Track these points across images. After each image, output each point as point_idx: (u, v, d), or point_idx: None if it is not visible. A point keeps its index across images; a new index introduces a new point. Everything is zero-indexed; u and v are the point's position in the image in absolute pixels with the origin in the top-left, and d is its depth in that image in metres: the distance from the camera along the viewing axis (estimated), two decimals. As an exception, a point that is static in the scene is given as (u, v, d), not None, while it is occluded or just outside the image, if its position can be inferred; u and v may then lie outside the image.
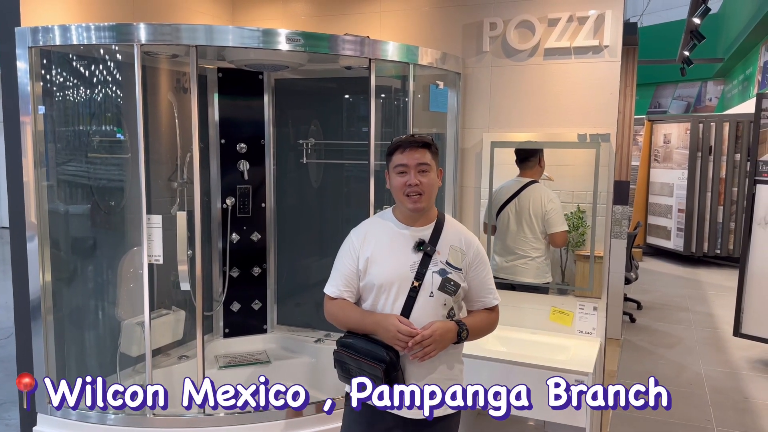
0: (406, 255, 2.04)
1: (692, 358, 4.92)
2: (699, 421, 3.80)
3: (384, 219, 2.14)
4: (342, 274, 2.08)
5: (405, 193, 2.01)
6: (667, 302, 6.72)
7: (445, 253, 2.06)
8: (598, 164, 3.00)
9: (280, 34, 2.47)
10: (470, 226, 3.32)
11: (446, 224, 2.12)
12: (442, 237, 2.07)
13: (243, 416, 2.56)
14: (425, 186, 2.01)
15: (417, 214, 2.06)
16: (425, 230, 2.08)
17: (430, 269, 2.02)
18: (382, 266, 2.04)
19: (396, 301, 2.01)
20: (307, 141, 3.56)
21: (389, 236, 2.08)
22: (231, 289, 3.56)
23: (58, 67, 2.72)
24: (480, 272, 2.11)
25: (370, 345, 1.97)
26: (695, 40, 7.22)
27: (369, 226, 2.15)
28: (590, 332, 3.11)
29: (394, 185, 2.05)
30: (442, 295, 2.02)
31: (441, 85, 3.15)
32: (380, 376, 1.92)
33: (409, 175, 2.00)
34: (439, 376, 2.05)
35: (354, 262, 2.07)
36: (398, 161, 2.02)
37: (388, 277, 2.02)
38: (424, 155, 2.02)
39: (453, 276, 2.04)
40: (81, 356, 2.95)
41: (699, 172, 8.48)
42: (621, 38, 2.97)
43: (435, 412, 2.04)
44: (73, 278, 2.92)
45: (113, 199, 3.06)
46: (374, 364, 1.94)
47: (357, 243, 2.10)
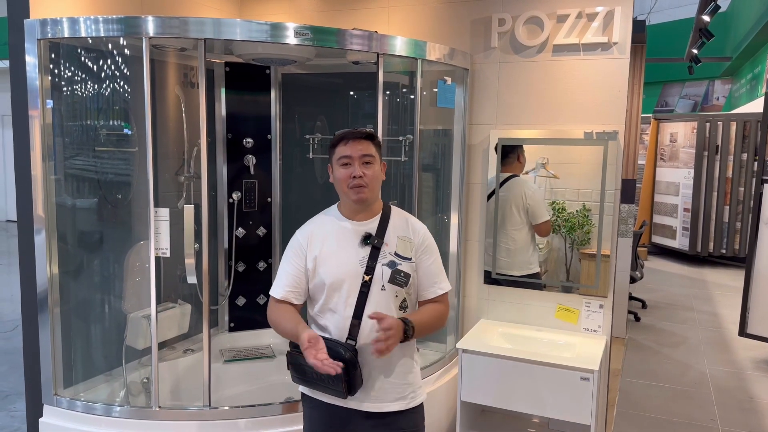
0: (354, 250, 2.02)
1: (697, 358, 4.91)
2: (703, 421, 3.79)
3: (329, 215, 2.11)
4: (289, 275, 2.05)
5: (349, 186, 1.98)
6: (672, 301, 6.70)
7: (393, 245, 2.04)
8: (606, 162, 2.98)
9: (288, 28, 2.47)
10: (476, 223, 3.32)
11: (392, 215, 2.09)
12: (389, 228, 2.05)
13: (247, 410, 2.57)
14: (369, 178, 1.99)
15: (361, 206, 2.03)
16: (371, 223, 2.05)
17: (380, 262, 2.00)
18: (331, 264, 2.01)
19: (348, 297, 1.99)
20: (313, 136, 3.56)
21: (335, 233, 2.05)
22: (237, 284, 3.57)
23: (66, 61, 2.73)
24: (426, 260, 2.09)
25: (329, 343, 1.93)
26: (704, 38, 7.18)
27: (314, 224, 2.11)
28: (596, 330, 3.10)
29: (337, 178, 2.02)
30: (393, 288, 2.00)
31: (449, 81, 3.14)
32: (341, 375, 1.88)
33: (353, 166, 1.97)
34: (398, 370, 2.04)
35: (302, 262, 2.05)
36: (342, 153, 1.99)
37: (338, 275, 2.00)
38: (368, 147, 2.00)
39: (403, 267, 2.02)
40: (87, 349, 2.96)
41: (705, 171, 8.45)
42: (630, 35, 2.96)
43: (395, 405, 2.03)
44: (80, 271, 2.93)
45: (120, 192, 3.07)
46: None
47: (304, 242, 2.06)
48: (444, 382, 3.11)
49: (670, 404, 4.03)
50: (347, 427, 2.06)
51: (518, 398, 2.83)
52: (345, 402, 2.02)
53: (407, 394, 2.06)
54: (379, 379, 2.02)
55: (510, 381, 2.83)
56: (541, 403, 2.80)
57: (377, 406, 2.02)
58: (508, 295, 3.28)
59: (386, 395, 2.03)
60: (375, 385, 2.02)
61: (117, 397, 2.85)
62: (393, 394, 2.04)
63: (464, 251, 3.36)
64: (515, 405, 2.85)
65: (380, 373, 2.02)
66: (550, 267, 3.18)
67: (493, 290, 3.30)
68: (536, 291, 3.21)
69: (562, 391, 2.74)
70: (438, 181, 3.37)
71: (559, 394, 2.75)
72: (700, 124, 8.38)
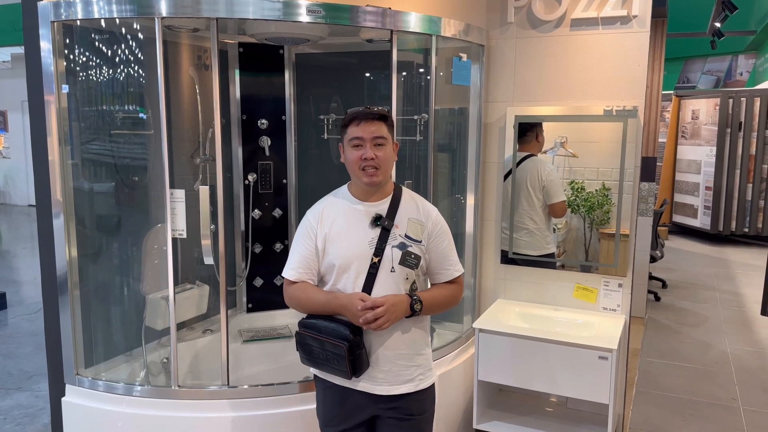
0: (364, 231, 2.00)
1: (718, 337, 4.86)
2: (725, 400, 3.76)
3: (339, 196, 2.09)
4: (301, 256, 2.05)
5: (360, 168, 1.96)
6: (693, 281, 6.62)
7: (404, 227, 2.02)
8: (626, 139, 2.93)
9: (300, 6, 2.44)
10: (493, 202, 3.29)
11: (404, 197, 2.07)
12: (399, 210, 2.03)
13: (265, 389, 2.59)
14: (381, 160, 1.96)
15: (373, 188, 2.01)
16: (382, 204, 2.04)
17: (389, 244, 1.99)
18: (341, 244, 2.01)
19: (357, 278, 1.98)
20: (327, 117, 3.54)
21: (345, 213, 2.04)
22: (254, 265, 3.59)
23: (80, 45, 2.73)
24: (440, 243, 2.07)
25: (333, 324, 1.95)
26: (727, 11, 6.99)
27: (324, 204, 2.10)
28: (615, 309, 3.07)
29: (349, 159, 2.00)
30: (403, 270, 1.99)
31: (464, 58, 3.09)
32: (343, 355, 1.90)
33: (364, 148, 1.95)
34: (407, 352, 2.03)
35: (312, 243, 2.04)
36: (353, 134, 1.97)
37: (347, 255, 1.99)
38: (381, 128, 1.97)
39: (413, 249, 2.00)
40: (107, 330, 3.00)
41: (728, 148, 8.29)
42: (650, 8, 2.88)
43: (403, 387, 2.03)
44: (99, 254, 2.96)
45: (137, 176, 3.08)
46: (337, 343, 1.92)
47: (314, 222, 2.06)
48: (461, 361, 3.10)
49: (691, 383, 4.00)
50: (357, 409, 2.07)
51: (536, 377, 2.82)
52: (354, 384, 2.03)
53: (415, 377, 2.05)
54: (387, 362, 2.01)
55: (527, 360, 2.82)
56: (559, 382, 2.78)
57: (385, 389, 2.02)
58: (525, 274, 3.25)
59: (394, 378, 2.03)
60: (383, 368, 2.01)
61: (137, 377, 2.89)
62: (401, 376, 2.03)
63: (480, 231, 3.33)
64: (533, 384, 2.84)
65: (389, 356, 2.01)
66: (568, 247, 3.15)
67: (510, 270, 3.28)
68: (554, 270, 3.18)
69: (581, 371, 2.72)
70: (453, 161, 3.34)
71: (578, 374, 2.73)
72: (723, 100, 8.21)
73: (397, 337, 2.01)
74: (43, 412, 3.63)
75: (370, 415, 2.08)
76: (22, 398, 3.84)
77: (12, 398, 3.84)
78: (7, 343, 4.75)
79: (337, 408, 2.10)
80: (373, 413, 2.07)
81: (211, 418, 2.54)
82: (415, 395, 2.06)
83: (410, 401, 2.05)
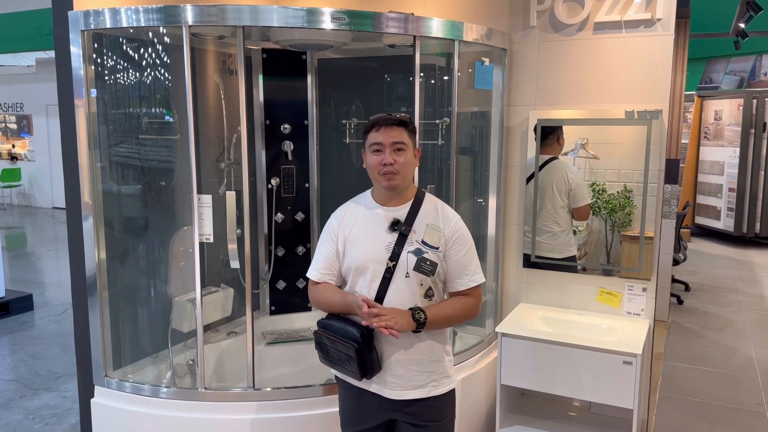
0: (381, 235, 2.02)
1: (743, 342, 4.79)
2: (750, 406, 3.71)
3: (362, 200, 2.13)
4: (324, 258, 2.09)
5: (380, 172, 1.99)
6: (716, 284, 6.54)
7: (421, 232, 2.02)
8: (650, 142, 2.91)
9: (324, 13, 2.47)
10: (515, 206, 3.29)
11: (425, 202, 2.08)
12: (419, 216, 2.04)
13: (289, 391, 2.62)
14: (400, 165, 1.98)
15: (392, 192, 2.03)
16: (401, 209, 2.05)
17: (405, 249, 2.00)
18: (358, 247, 2.03)
19: (372, 282, 2.00)
20: (349, 121, 3.56)
21: (366, 217, 2.07)
22: (276, 268, 3.62)
23: (109, 51, 2.78)
24: (458, 251, 2.05)
25: (344, 324, 1.98)
26: (751, 11, 6.89)
27: (347, 208, 2.14)
28: (639, 314, 3.05)
29: (369, 164, 2.02)
30: (418, 276, 1.99)
31: (486, 62, 3.09)
32: (353, 356, 1.91)
33: (384, 154, 1.97)
34: (420, 358, 2.03)
35: (334, 245, 2.08)
36: (373, 140, 1.99)
37: (363, 259, 2.01)
38: (401, 134, 1.98)
39: (429, 255, 2.00)
40: (134, 332, 3.05)
41: (752, 149, 8.17)
42: (674, 11, 2.86)
43: (415, 393, 2.03)
44: (127, 256, 3.01)
45: (163, 179, 3.13)
46: (347, 343, 1.94)
47: (336, 225, 2.10)
48: (483, 365, 3.11)
49: (715, 388, 3.95)
50: (371, 411, 2.09)
51: (559, 382, 2.81)
52: (366, 385, 2.05)
53: (428, 383, 2.05)
54: (399, 366, 2.02)
55: (550, 365, 2.81)
56: (583, 387, 2.77)
57: (396, 393, 2.03)
58: (547, 278, 3.24)
59: (406, 383, 2.03)
60: (396, 372, 2.02)
61: (164, 379, 2.94)
62: (413, 382, 2.03)
63: (503, 235, 3.33)
64: (556, 389, 2.83)
65: (402, 361, 2.02)
66: (589, 249, 3.13)
67: (533, 274, 3.27)
68: (576, 274, 3.17)
69: (604, 375, 2.71)
70: (475, 164, 3.34)
71: (601, 378, 2.72)
72: (747, 101, 8.10)
73: (411, 342, 2.02)
74: (70, 412, 3.70)
75: (387, 418, 2.09)
76: (50, 398, 3.91)
77: (40, 398, 3.91)
78: (35, 344, 4.84)
79: (354, 408, 2.13)
80: (390, 417, 2.09)
81: (236, 420, 2.57)
82: (429, 401, 2.05)
83: (425, 407, 2.05)
